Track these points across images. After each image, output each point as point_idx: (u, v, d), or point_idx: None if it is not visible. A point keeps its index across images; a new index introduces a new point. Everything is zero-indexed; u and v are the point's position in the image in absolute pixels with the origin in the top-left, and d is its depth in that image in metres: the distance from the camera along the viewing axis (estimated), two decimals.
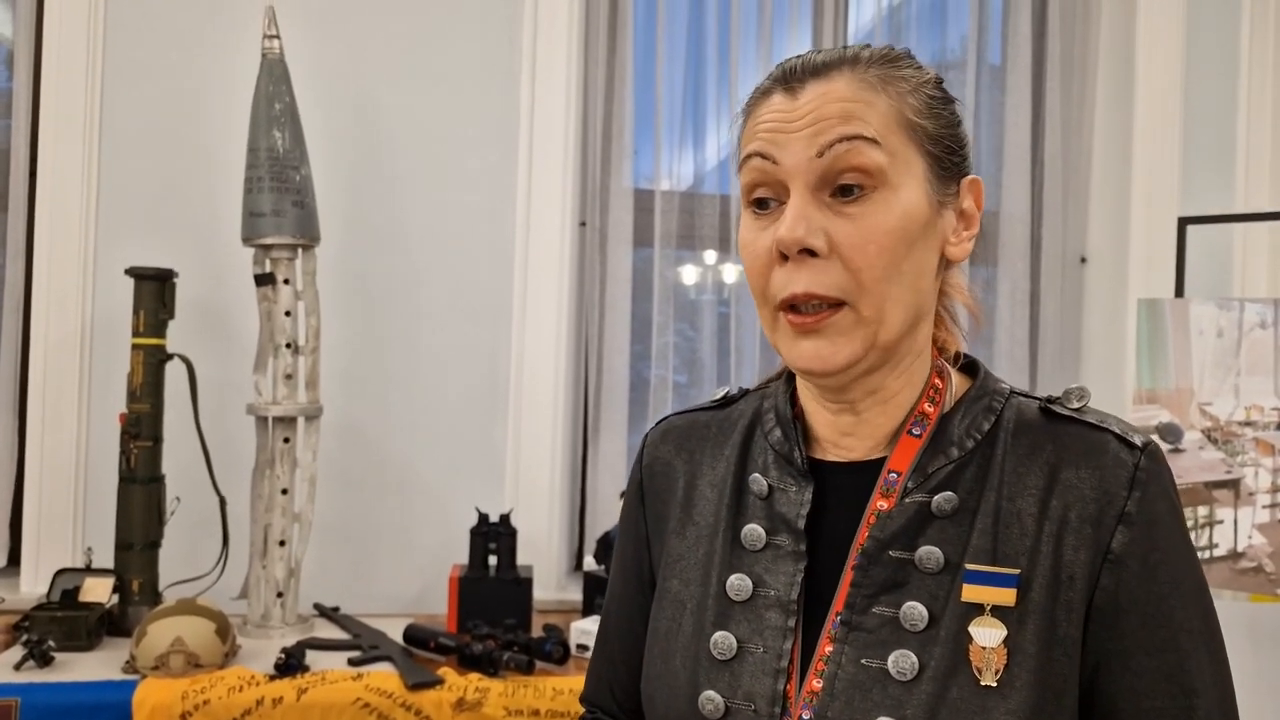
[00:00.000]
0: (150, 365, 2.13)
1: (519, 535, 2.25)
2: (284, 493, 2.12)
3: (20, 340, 2.42)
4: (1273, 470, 2.16)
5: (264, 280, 2.12)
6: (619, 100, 2.63)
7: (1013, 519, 0.77)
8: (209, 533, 2.22)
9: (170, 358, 2.16)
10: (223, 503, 2.21)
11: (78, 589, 2.07)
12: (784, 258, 0.77)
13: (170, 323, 2.17)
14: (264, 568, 2.12)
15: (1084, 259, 2.83)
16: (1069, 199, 2.81)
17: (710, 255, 2.71)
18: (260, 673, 1.81)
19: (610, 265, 2.62)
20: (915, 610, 0.76)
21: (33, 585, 2.31)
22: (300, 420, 2.16)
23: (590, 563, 2.38)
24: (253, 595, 2.13)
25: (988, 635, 0.74)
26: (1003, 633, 0.74)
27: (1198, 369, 2.26)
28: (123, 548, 2.11)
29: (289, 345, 2.14)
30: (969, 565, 0.76)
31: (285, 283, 2.13)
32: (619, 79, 2.63)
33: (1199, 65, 2.69)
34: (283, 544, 2.12)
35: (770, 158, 0.78)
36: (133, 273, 2.14)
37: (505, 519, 2.24)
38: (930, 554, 0.77)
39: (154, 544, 2.13)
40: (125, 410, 2.13)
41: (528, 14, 2.50)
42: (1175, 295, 2.40)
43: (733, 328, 2.69)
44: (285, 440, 2.13)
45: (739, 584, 0.82)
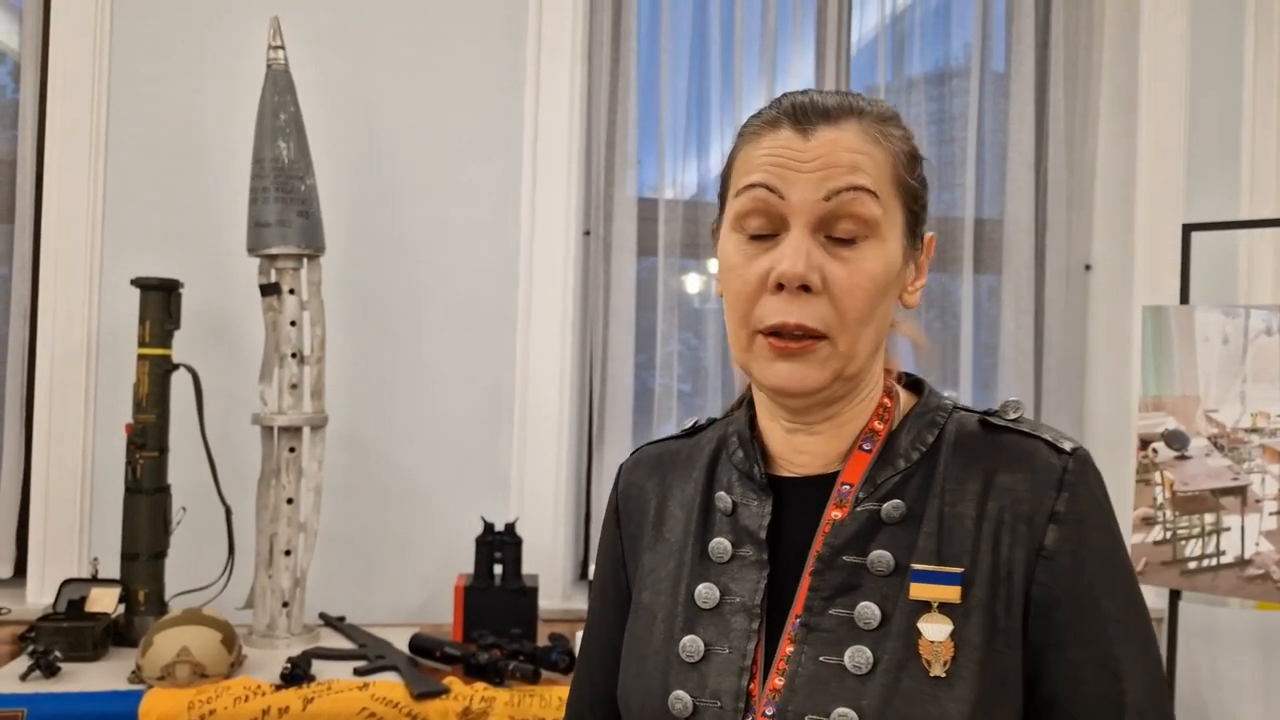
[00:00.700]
0: (156, 375, 2.14)
1: (524, 544, 2.25)
2: (289, 502, 2.13)
3: (27, 351, 2.43)
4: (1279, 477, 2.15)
5: (269, 290, 2.13)
6: (622, 110, 2.64)
7: (954, 522, 0.83)
8: (215, 542, 2.22)
9: (176, 368, 2.17)
10: (228, 512, 2.21)
11: (84, 599, 2.07)
12: (778, 288, 0.81)
13: (176, 333, 2.18)
14: (270, 577, 2.12)
15: (1088, 266, 2.83)
16: (1073, 206, 2.81)
17: (714, 264, 2.71)
18: (266, 682, 1.81)
19: (614, 274, 2.62)
20: (869, 609, 0.81)
21: (39, 595, 2.31)
22: (305, 430, 2.16)
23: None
24: (258, 605, 2.13)
25: (935, 630, 0.79)
26: (949, 627, 0.79)
27: (1204, 376, 2.26)
28: (129, 558, 2.11)
29: (294, 355, 2.14)
30: (915, 565, 0.81)
31: (290, 293, 2.14)
32: (622, 88, 2.64)
33: (1203, 71, 2.69)
34: (288, 554, 2.12)
35: (777, 191, 0.82)
36: (138, 283, 2.15)
37: (510, 528, 2.24)
38: (881, 557, 0.83)
39: (160, 554, 2.14)
40: (131, 420, 2.14)
41: (531, 24, 2.51)
42: (1180, 302, 2.39)
43: None
44: (291, 450, 2.13)
45: (707, 592, 0.88)
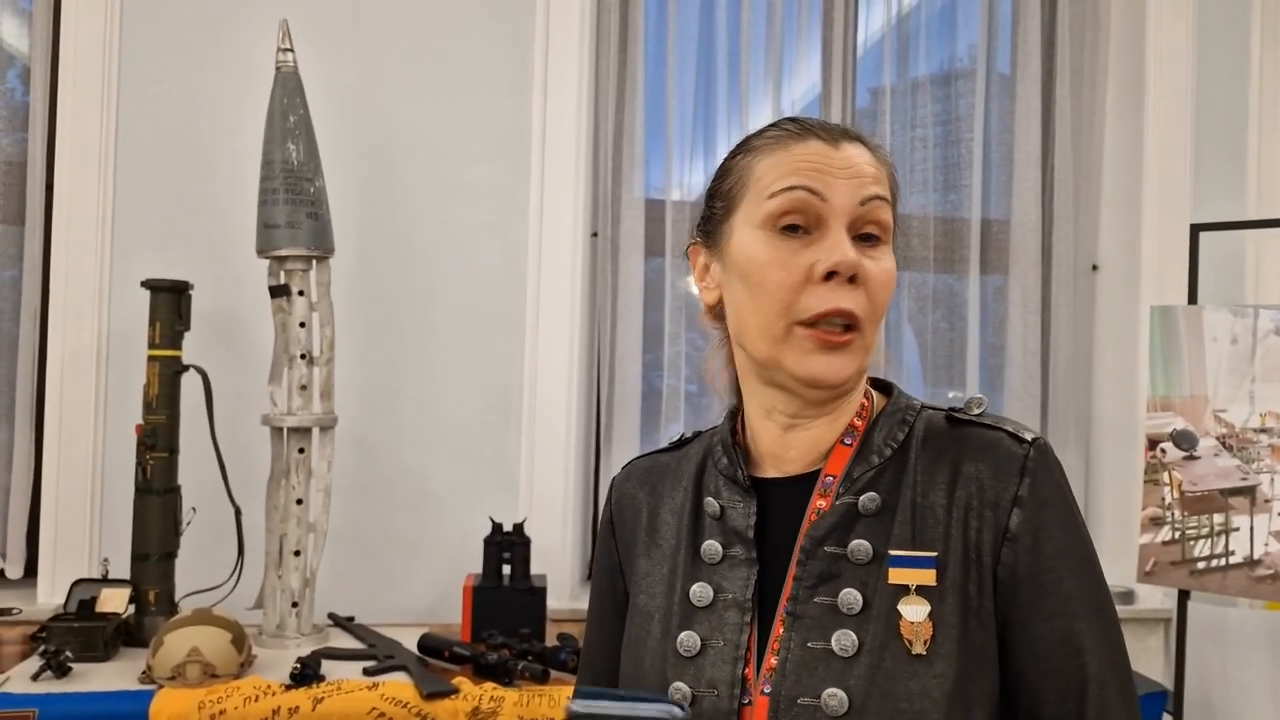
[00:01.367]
0: (166, 377, 2.15)
1: (533, 544, 2.26)
2: (299, 503, 2.13)
3: (37, 352, 2.44)
4: None
5: (279, 292, 2.13)
6: (629, 111, 2.64)
7: (926, 511, 0.88)
8: (224, 543, 2.23)
9: (186, 369, 2.17)
10: (238, 513, 2.21)
11: (94, 599, 2.08)
12: (826, 278, 0.87)
13: (186, 334, 2.19)
14: (279, 578, 2.13)
15: (1096, 266, 2.83)
16: (1080, 206, 2.81)
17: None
18: (276, 682, 1.82)
19: (622, 275, 2.63)
20: (851, 595, 0.87)
21: (50, 596, 2.32)
22: (315, 431, 2.17)
23: None
24: (268, 605, 2.14)
25: (914, 611, 0.85)
26: (927, 608, 0.85)
27: (1212, 376, 2.26)
28: (139, 558, 2.12)
29: (303, 356, 2.15)
30: (893, 551, 0.87)
31: (300, 294, 2.14)
32: (629, 90, 2.65)
33: (1210, 71, 2.69)
34: (298, 554, 2.13)
35: (819, 194, 0.88)
36: (149, 285, 2.15)
37: (519, 528, 2.25)
38: (860, 547, 0.88)
39: (170, 554, 2.14)
40: (141, 421, 2.14)
41: (539, 26, 2.52)
42: (1188, 302, 2.39)
43: None
44: (300, 451, 2.14)
45: (701, 592, 0.93)
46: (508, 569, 2.21)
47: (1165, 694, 2.35)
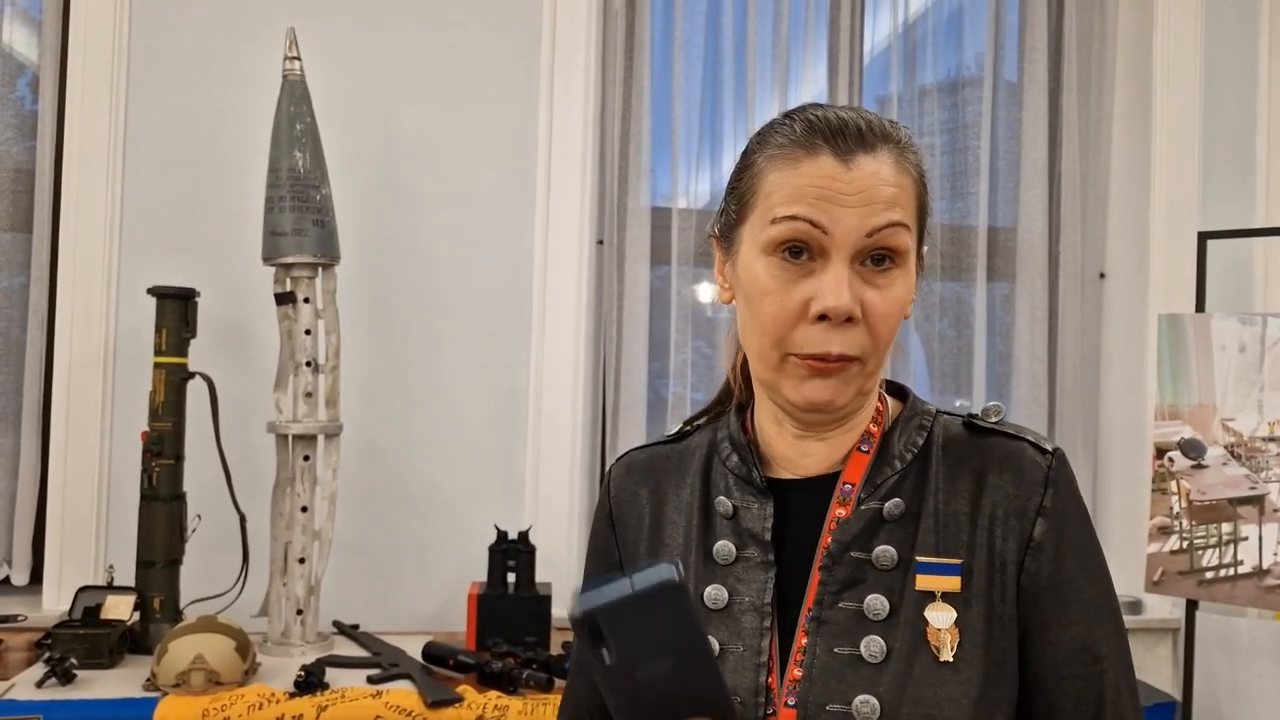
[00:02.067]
0: (172, 384, 2.15)
1: (538, 553, 2.25)
2: (304, 510, 2.13)
3: (44, 359, 2.45)
4: None
5: (284, 299, 2.14)
6: (636, 119, 2.64)
7: (950, 518, 0.88)
8: (229, 550, 2.23)
9: (192, 376, 2.18)
10: (243, 520, 2.22)
11: (99, 606, 2.08)
12: (819, 318, 0.84)
13: (192, 341, 2.19)
14: (284, 585, 2.13)
15: (1103, 274, 2.82)
16: (1087, 214, 2.80)
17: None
18: (280, 690, 1.82)
19: (628, 283, 2.62)
20: (878, 601, 0.86)
21: (55, 603, 2.32)
22: (320, 438, 2.17)
23: None
24: (273, 613, 2.14)
25: (941, 618, 0.85)
26: (953, 615, 0.85)
27: (1220, 384, 2.25)
28: (144, 565, 2.12)
29: (309, 363, 2.15)
30: (919, 558, 0.87)
31: (305, 301, 2.15)
32: (636, 98, 2.65)
33: (1217, 79, 2.68)
34: (303, 561, 2.13)
35: (820, 226, 0.84)
36: (155, 292, 2.16)
37: (524, 536, 2.24)
38: (885, 552, 0.88)
39: (175, 561, 2.14)
40: (147, 428, 2.15)
41: (545, 34, 2.52)
42: (1196, 310, 2.38)
43: None
44: (305, 458, 2.14)
45: (716, 594, 0.91)
46: (513, 577, 2.21)
47: (1174, 704, 2.34)
